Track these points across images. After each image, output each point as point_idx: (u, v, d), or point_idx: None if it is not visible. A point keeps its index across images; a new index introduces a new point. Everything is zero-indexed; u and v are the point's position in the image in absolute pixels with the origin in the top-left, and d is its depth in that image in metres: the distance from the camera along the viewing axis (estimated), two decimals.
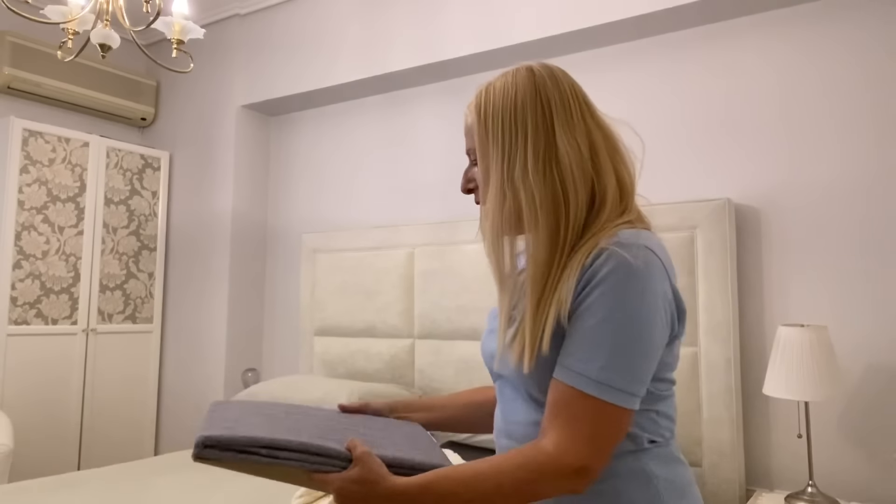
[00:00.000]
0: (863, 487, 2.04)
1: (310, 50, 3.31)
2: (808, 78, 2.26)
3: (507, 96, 0.92)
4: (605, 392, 0.80)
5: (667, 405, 0.91)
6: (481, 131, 0.93)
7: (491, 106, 0.93)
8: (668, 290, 0.86)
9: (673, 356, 0.90)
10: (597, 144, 0.91)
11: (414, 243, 2.96)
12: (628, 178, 0.93)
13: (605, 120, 0.95)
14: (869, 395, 2.06)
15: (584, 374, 0.81)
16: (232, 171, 3.52)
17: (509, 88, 0.93)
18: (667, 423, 0.91)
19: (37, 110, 3.50)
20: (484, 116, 0.93)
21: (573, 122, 0.91)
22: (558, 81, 0.93)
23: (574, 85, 0.95)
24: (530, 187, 0.88)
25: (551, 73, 0.94)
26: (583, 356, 0.81)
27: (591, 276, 0.83)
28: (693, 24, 2.46)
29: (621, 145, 0.95)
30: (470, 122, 0.97)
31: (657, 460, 0.88)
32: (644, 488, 0.86)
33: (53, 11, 1.98)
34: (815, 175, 2.22)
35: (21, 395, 3.10)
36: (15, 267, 3.11)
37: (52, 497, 1.97)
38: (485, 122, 0.93)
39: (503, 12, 2.72)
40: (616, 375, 0.80)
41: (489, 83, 0.96)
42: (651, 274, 0.83)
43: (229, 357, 3.43)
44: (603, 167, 0.90)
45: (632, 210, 0.92)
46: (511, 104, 0.92)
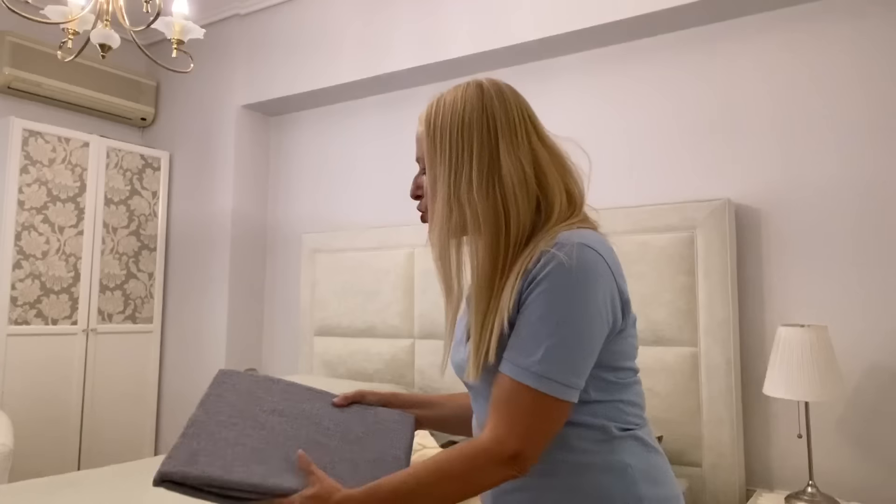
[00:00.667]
0: (863, 487, 2.04)
1: (309, 50, 3.31)
2: (807, 78, 2.26)
3: (455, 111, 0.95)
4: (544, 384, 0.83)
5: (631, 393, 0.93)
6: (429, 143, 0.96)
7: (440, 119, 0.96)
8: (609, 284, 0.88)
9: (628, 345, 0.93)
10: (542, 162, 0.94)
11: (414, 243, 2.96)
12: (577, 192, 0.97)
13: (550, 138, 0.99)
14: (869, 395, 2.06)
15: (523, 367, 0.84)
16: (232, 171, 3.52)
17: (458, 103, 0.96)
18: (634, 410, 0.93)
19: (37, 110, 3.50)
20: (433, 129, 0.96)
21: (517, 141, 0.94)
22: (506, 100, 0.96)
23: (522, 104, 0.98)
24: (474, 203, 0.92)
25: (499, 91, 0.97)
26: (523, 350, 0.85)
27: (532, 278, 0.87)
28: (693, 24, 2.46)
29: (568, 161, 0.99)
30: (420, 133, 1.00)
31: (630, 450, 0.90)
32: (620, 479, 0.88)
33: (53, 11, 1.98)
34: (814, 175, 2.22)
35: (21, 395, 3.10)
36: (15, 267, 3.11)
37: (52, 497, 1.96)
38: (433, 134, 0.96)
39: (503, 12, 2.72)
40: (554, 368, 0.84)
41: (441, 95, 0.99)
42: (587, 269, 0.86)
43: (229, 357, 3.43)
44: (549, 184, 0.94)
45: (578, 216, 0.96)
46: (459, 119, 0.94)
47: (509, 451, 0.82)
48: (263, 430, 0.96)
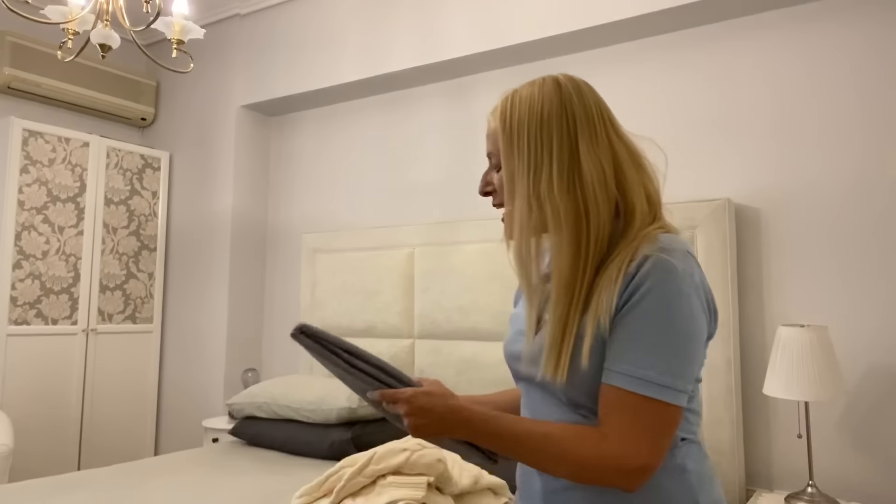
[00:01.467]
0: (863, 487, 2.04)
1: (310, 50, 3.31)
2: (807, 78, 2.26)
3: (533, 108, 0.93)
4: (665, 394, 0.82)
5: (695, 402, 0.94)
6: (506, 140, 0.94)
7: (516, 115, 0.93)
8: (706, 292, 0.90)
9: (704, 355, 0.94)
10: (620, 160, 0.93)
11: (414, 243, 2.96)
12: (654, 191, 0.95)
13: (628, 136, 0.96)
14: (869, 396, 2.06)
15: (644, 379, 0.82)
16: (232, 171, 3.52)
17: (535, 99, 0.93)
18: (696, 419, 0.94)
19: (37, 110, 3.50)
20: (509, 125, 0.94)
21: (597, 139, 0.92)
22: (584, 96, 0.94)
23: (599, 101, 0.95)
24: (555, 202, 0.90)
25: (577, 87, 0.95)
26: (639, 361, 0.83)
27: (639, 282, 0.84)
28: (692, 24, 2.46)
29: (645, 160, 0.96)
30: (493, 128, 0.97)
31: (690, 455, 0.91)
32: (679, 482, 0.88)
33: (53, 11, 1.98)
34: (815, 175, 2.22)
35: (21, 395, 3.10)
36: (15, 267, 3.11)
37: (52, 497, 1.97)
38: (510, 131, 0.93)
39: (503, 12, 2.72)
40: (671, 377, 0.83)
41: (514, 91, 0.97)
42: (693, 277, 0.86)
43: (229, 357, 3.43)
44: (629, 183, 0.92)
45: (661, 218, 0.95)
46: (537, 116, 0.92)
47: (638, 464, 0.81)
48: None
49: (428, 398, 0.87)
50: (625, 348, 0.84)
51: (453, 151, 3.04)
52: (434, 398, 0.87)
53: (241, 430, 2.73)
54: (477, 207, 2.92)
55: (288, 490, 2.01)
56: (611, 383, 0.84)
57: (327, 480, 1.85)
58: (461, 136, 3.02)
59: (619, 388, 0.83)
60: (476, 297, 2.70)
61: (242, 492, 2.04)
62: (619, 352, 0.84)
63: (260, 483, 2.14)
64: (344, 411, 2.48)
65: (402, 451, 1.82)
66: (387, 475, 1.83)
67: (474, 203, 2.94)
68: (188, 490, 2.06)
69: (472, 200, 2.96)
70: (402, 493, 1.73)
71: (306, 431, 2.54)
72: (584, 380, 0.88)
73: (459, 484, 1.85)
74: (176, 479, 2.18)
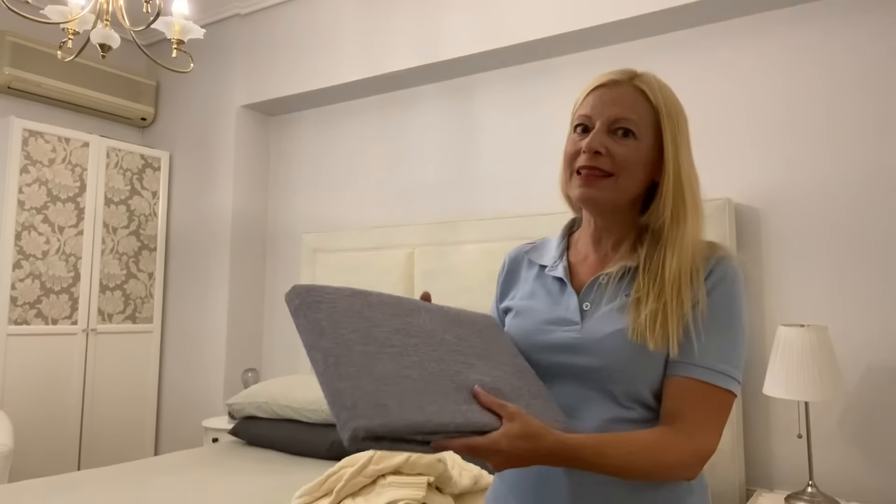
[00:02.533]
0: (863, 487, 2.03)
1: (310, 50, 3.31)
2: (807, 78, 2.26)
3: (672, 93, 0.98)
4: (735, 386, 0.89)
5: None
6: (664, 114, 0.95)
7: (667, 95, 0.97)
8: None
9: None
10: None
11: (414, 243, 2.96)
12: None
13: None
14: (869, 396, 2.06)
15: (723, 373, 0.87)
16: (232, 171, 3.52)
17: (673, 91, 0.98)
18: None
19: (37, 110, 3.50)
20: (662, 101, 0.95)
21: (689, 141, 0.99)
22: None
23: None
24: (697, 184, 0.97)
25: None
26: (720, 355, 0.88)
27: (717, 281, 0.90)
28: (692, 24, 2.46)
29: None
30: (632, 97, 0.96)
31: None
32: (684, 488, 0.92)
33: (53, 11, 1.98)
34: (815, 175, 2.22)
35: (21, 395, 3.10)
36: (15, 267, 3.11)
37: (52, 497, 1.97)
38: (667, 107, 0.95)
39: (503, 12, 2.72)
40: (739, 371, 0.90)
41: (647, 72, 0.99)
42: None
43: (229, 357, 3.43)
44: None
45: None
46: (676, 101, 0.98)
47: (711, 452, 0.86)
48: (407, 355, 0.81)
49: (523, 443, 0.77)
50: (706, 342, 0.88)
51: (453, 151, 3.04)
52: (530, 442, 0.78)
53: (241, 430, 2.73)
54: (477, 207, 2.92)
55: (288, 490, 2.01)
56: (693, 377, 0.87)
57: (327, 480, 1.85)
58: (461, 136, 3.02)
59: (701, 382, 0.87)
60: (476, 297, 2.70)
61: (242, 492, 2.04)
62: (698, 347, 0.88)
63: (260, 483, 2.14)
64: None
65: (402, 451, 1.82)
66: (387, 475, 1.83)
67: (474, 203, 2.94)
68: (188, 490, 2.06)
69: (472, 200, 2.96)
70: (402, 493, 1.73)
71: (306, 431, 2.54)
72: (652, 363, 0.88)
73: (459, 484, 1.85)
74: (176, 479, 2.18)
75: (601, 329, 0.91)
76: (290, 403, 2.61)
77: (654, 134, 0.95)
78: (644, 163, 0.94)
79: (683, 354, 0.88)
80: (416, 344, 0.83)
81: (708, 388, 0.87)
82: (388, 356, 0.78)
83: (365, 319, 0.82)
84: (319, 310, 0.81)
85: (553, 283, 1.02)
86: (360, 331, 0.80)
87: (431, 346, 0.84)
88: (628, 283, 0.94)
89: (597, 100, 0.96)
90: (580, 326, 0.93)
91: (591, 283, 0.97)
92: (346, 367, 0.74)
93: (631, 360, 0.88)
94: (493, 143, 2.93)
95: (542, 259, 1.06)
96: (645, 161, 0.94)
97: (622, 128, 0.93)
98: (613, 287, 0.95)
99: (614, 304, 0.93)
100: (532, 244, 1.12)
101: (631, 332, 0.88)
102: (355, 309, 0.83)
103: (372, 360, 0.76)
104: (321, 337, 0.77)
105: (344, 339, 0.78)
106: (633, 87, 0.95)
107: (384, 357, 0.78)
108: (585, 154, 0.93)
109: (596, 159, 0.93)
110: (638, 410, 0.89)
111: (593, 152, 0.93)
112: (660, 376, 0.89)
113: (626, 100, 0.95)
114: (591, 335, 0.91)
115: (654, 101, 0.95)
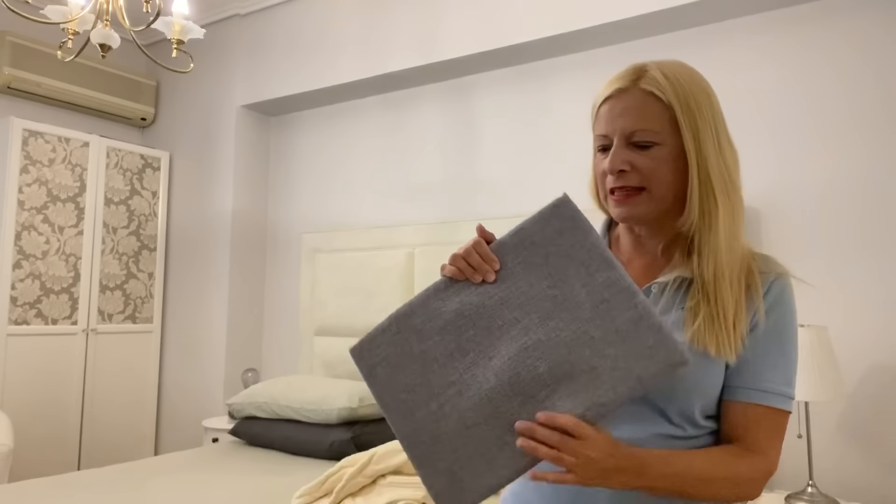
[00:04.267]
0: (863, 487, 2.03)
1: (310, 50, 3.31)
2: (808, 78, 2.26)
3: (694, 79, 0.91)
4: (791, 405, 0.89)
5: None
6: (678, 110, 0.87)
7: (680, 84, 0.88)
8: None
9: None
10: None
11: (414, 243, 2.96)
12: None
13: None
14: (869, 396, 2.06)
15: (784, 395, 0.88)
16: (232, 171, 3.52)
17: (686, 72, 0.91)
18: None
19: (37, 110, 3.50)
20: (680, 98, 0.88)
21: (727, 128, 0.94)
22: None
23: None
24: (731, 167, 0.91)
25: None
26: (778, 378, 0.87)
27: (776, 300, 0.88)
28: (692, 24, 2.46)
29: None
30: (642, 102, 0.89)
31: None
32: None
33: (53, 11, 1.98)
34: (815, 175, 2.22)
35: (21, 395, 3.10)
36: (15, 267, 3.11)
37: (52, 497, 1.96)
38: (682, 103, 0.88)
39: (503, 12, 2.72)
40: (794, 390, 0.89)
41: (653, 66, 0.90)
42: None
43: (229, 357, 3.43)
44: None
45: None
46: (691, 87, 0.89)
47: (772, 473, 0.87)
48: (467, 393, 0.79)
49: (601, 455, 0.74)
50: (764, 364, 0.87)
51: (453, 151, 3.04)
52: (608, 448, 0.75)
53: (241, 430, 2.73)
54: (477, 207, 2.92)
55: (288, 490, 2.01)
56: (758, 402, 0.86)
57: (327, 480, 1.85)
58: (461, 136, 3.02)
59: (761, 405, 0.87)
60: None
61: (242, 492, 2.04)
62: (760, 369, 0.87)
63: (260, 483, 2.14)
64: (344, 411, 2.48)
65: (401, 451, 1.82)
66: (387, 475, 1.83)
67: (474, 203, 2.94)
68: (188, 490, 2.06)
69: (472, 200, 2.96)
70: (402, 493, 1.73)
71: (306, 431, 2.54)
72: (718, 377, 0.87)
73: None
74: (176, 479, 2.18)
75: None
76: (290, 403, 2.61)
77: (676, 132, 0.88)
78: (673, 166, 0.88)
79: (743, 378, 0.87)
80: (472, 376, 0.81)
81: (771, 411, 0.87)
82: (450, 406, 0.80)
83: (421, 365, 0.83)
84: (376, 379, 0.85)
85: None
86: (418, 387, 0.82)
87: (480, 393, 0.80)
88: (683, 295, 0.89)
89: (608, 114, 0.91)
90: None
91: (645, 292, 0.91)
92: (415, 449, 0.80)
93: (691, 376, 0.84)
94: (493, 143, 2.93)
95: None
96: (674, 164, 0.88)
97: (640, 140, 0.88)
98: (668, 297, 0.90)
99: (670, 316, 0.88)
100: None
101: (690, 341, 0.84)
102: (412, 354, 0.84)
103: (436, 420, 0.80)
104: (388, 412, 0.83)
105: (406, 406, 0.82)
106: (641, 91, 0.89)
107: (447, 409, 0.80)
108: (612, 176, 0.90)
109: (623, 178, 0.89)
110: (687, 429, 0.87)
111: (618, 172, 0.89)
112: (715, 394, 0.88)
113: (637, 107, 0.89)
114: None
115: (666, 99, 0.88)
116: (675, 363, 0.74)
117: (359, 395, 2.54)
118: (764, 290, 0.88)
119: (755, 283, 0.88)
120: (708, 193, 0.88)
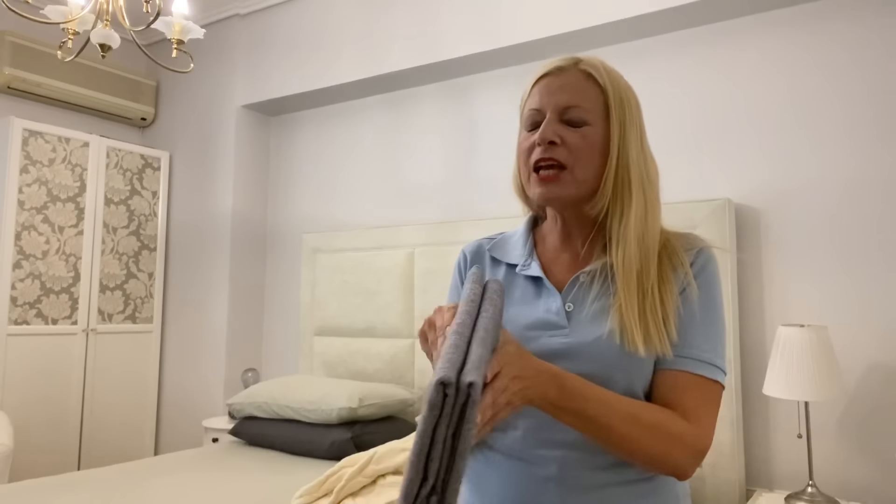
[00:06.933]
0: (863, 487, 2.04)
1: (310, 50, 3.31)
2: (808, 78, 2.26)
3: (627, 83, 0.94)
4: (722, 377, 0.87)
5: None
6: (617, 100, 0.90)
7: (617, 80, 0.92)
8: None
9: None
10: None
11: (414, 243, 2.96)
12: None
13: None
14: (869, 395, 2.06)
15: (710, 363, 0.86)
16: (232, 171, 3.52)
17: (622, 76, 0.94)
18: None
19: (37, 110, 3.50)
20: (612, 86, 0.91)
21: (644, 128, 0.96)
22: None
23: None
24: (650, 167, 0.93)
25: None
26: (705, 346, 0.86)
27: (699, 271, 0.89)
28: (693, 24, 2.46)
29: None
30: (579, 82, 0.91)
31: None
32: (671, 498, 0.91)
33: (53, 11, 1.98)
34: (815, 175, 2.22)
35: (21, 395, 3.10)
36: (15, 267, 3.11)
37: (52, 497, 1.97)
38: (617, 92, 0.91)
39: (503, 12, 2.72)
40: (724, 361, 0.88)
41: (590, 56, 0.94)
42: None
43: (229, 357, 3.43)
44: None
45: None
46: (625, 84, 0.93)
47: (706, 445, 0.83)
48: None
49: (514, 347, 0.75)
50: (690, 333, 0.86)
51: (453, 151, 3.04)
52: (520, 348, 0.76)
53: (241, 430, 2.73)
54: (477, 207, 2.92)
55: (288, 490, 2.01)
56: (685, 369, 0.85)
57: (327, 480, 1.85)
58: (461, 136, 3.02)
59: (689, 373, 0.85)
60: None
61: (242, 492, 2.04)
62: (686, 336, 0.86)
63: (260, 483, 2.14)
64: (344, 411, 2.48)
65: (402, 451, 1.82)
66: (387, 475, 1.83)
67: (474, 203, 2.94)
68: (188, 490, 2.06)
69: (472, 200, 2.96)
70: None
71: (306, 431, 2.54)
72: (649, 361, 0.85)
73: None
74: (176, 479, 2.18)
75: (591, 332, 0.86)
76: (290, 403, 2.61)
77: (606, 118, 0.90)
78: (599, 150, 0.89)
79: (679, 345, 0.86)
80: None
81: (699, 381, 0.85)
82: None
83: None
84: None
85: (527, 284, 0.95)
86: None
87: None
88: (611, 281, 0.89)
89: (544, 89, 0.91)
90: (568, 330, 0.88)
91: (572, 283, 0.91)
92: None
93: (627, 361, 0.84)
94: (492, 143, 2.93)
95: (509, 257, 0.99)
96: (600, 148, 0.89)
97: (573, 117, 0.89)
98: (595, 286, 0.90)
99: (598, 304, 0.88)
100: (491, 239, 1.05)
101: (619, 335, 0.84)
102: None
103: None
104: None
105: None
106: (580, 72, 0.91)
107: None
108: (540, 147, 0.89)
109: (552, 150, 0.88)
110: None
111: (548, 143, 0.88)
112: (651, 371, 0.87)
113: (574, 85, 0.90)
114: (582, 339, 0.86)
115: (602, 83, 0.90)
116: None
117: (359, 395, 2.54)
118: (690, 262, 0.89)
119: (679, 259, 0.89)
120: (624, 183, 0.89)
